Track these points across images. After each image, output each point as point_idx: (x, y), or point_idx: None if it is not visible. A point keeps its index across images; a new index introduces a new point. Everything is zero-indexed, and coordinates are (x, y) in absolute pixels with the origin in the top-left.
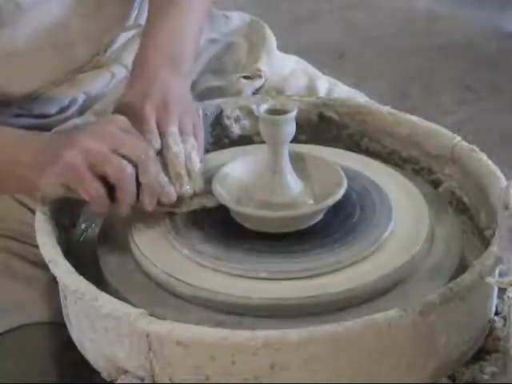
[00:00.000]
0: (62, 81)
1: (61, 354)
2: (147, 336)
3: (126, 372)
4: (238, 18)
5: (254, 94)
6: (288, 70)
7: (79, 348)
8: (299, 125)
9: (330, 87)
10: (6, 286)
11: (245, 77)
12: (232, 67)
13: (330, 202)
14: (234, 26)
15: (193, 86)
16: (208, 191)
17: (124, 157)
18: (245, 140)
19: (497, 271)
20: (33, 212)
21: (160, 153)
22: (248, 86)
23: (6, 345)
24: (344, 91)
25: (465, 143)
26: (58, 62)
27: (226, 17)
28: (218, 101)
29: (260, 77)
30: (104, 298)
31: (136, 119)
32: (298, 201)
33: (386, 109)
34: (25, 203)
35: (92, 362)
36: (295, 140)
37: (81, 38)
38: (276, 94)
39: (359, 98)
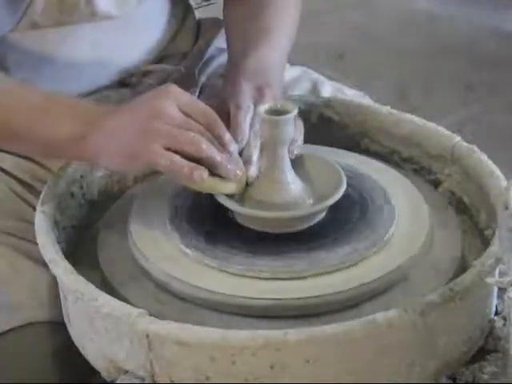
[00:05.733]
0: (88, 94)
1: (61, 354)
2: (147, 336)
3: (125, 372)
4: None
5: None
6: (293, 75)
7: (79, 348)
8: None
9: (335, 93)
10: (9, 283)
11: None
12: None
13: (330, 202)
14: None
15: (201, 89)
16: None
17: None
18: None
19: (497, 271)
20: (34, 208)
21: None
22: None
23: (6, 344)
24: (349, 96)
25: (465, 143)
26: (93, 77)
27: None
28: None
29: None
30: (104, 298)
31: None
32: (297, 201)
33: (385, 109)
34: (26, 199)
35: (92, 362)
36: None
37: (114, 60)
38: None
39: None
